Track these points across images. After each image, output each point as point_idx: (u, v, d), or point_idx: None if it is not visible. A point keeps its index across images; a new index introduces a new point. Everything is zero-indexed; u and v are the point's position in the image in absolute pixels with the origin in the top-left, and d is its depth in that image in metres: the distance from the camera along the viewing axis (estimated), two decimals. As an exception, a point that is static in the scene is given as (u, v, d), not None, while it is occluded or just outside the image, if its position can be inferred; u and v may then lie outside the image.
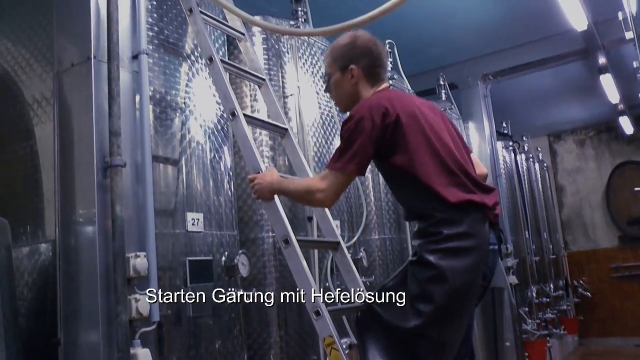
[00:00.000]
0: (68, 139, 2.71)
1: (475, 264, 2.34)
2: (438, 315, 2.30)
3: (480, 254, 2.37)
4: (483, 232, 2.40)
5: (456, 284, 2.29)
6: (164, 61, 3.11)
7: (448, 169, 2.44)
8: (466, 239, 2.33)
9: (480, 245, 2.36)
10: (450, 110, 6.99)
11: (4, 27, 3.44)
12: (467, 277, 2.32)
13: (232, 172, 3.51)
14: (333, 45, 2.81)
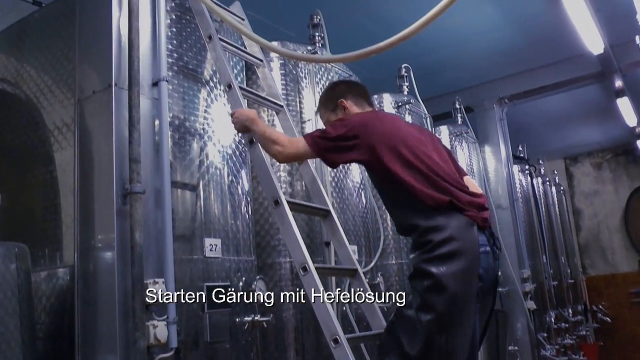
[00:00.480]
0: (88, 165, 2.73)
1: (466, 267, 2.40)
2: (441, 322, 2.36)
3: (470, 256, 2.42)
4: (470, 235, 2.46)
5: (453, 289, 2.35)
6: (184, 87, 3.14)
7: (430, 178, 2.57)
8: (453, 243, 2.41)
9: (467, 247, 2.43)
10: (467, 134, 6.97)
11: (28, 54, 3.49)
12: (462, 280, 2.39)
13: (249, 197, 3.51)
14: (319, 100, 3.22)
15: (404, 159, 2.61)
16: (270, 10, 5.32)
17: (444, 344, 2.35)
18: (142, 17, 2.80)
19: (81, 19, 2.99)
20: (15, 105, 3.56)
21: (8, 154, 3.57)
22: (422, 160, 2.63)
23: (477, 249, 2.46)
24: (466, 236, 2.46)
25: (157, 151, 2.75)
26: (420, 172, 2.59)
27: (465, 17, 6.58)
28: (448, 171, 2.69)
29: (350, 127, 2.71)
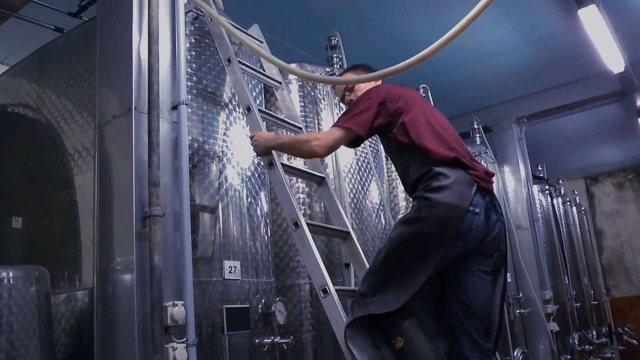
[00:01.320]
0: (108, 188, 2.74)
1: (447, 216, 2.50)
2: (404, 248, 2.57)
3: (455, 209, 2.51)
4: (465, 191, 2.55)
5: (440, 211, 2.50)
6: (202, 110, 3.16)
7: (442, 139, 2.72)
8: (445, 179, 2.56)
9: (457, 201, 2.52)
10: (485, 154, 6.92)
11: (49, 80, 3.54)
12: (438, 225, 2.51)
13: (268, 219, 3.50)
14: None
15: (420, 122, 2.77)
16: (288, 33, 5.36)
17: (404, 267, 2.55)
18: (162, 41, 2.84)
19: (101, 44, 3.02)
20: (37, 129, 3.61)
21: (29, 177, 3.61)
22: (434, 126, 2.78)
23: (465, 205, 2.53)
24: (461, 190, 2.55)
25: (177, 174, 2.76)
26: (433, 134, 2.74)
27: (482, 37, 6.58)
28: (456, 137, 2.84)
29: (375, 97, 2.85)
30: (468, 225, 2.54)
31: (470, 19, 2.23)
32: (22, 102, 3.84)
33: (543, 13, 6.36)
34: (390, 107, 2.81)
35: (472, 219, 2.55)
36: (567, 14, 6.31)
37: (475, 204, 2.57)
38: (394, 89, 2.91)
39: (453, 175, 2.58)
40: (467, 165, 2.65)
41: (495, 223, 2.67)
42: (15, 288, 2.46)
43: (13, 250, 3.68)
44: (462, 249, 2.57)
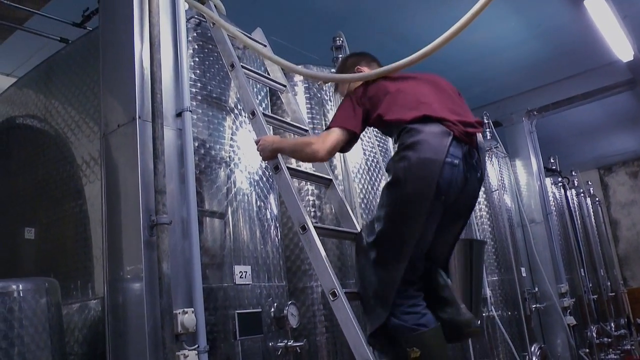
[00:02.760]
0: (115, 198, 2.75)
1: (425, 170, 2.47)
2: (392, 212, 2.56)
3: (431, 161, 2.48)
4: (440, 141, 2.50)
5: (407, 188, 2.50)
6: (208, 116, 3.15)
7: (414, 104, 2.67)
8: (417, 134, 2.53)
9: (432, 153, 2.48)
10: (496, 149, 6.88)
11: (55, 90, 3.56)
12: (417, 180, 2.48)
13: (278, 222, 3.49)
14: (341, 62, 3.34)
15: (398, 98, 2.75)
16: (292, 35, 5.35)
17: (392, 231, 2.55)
18: (164, 49, 2.83)
19: (104, 54, 3.03)
20: (45, 140, 3.63)
21: (40, 188, 3.62)
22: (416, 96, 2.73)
23: (442, 156, 2.48)
24: (435, 142, 2.51)
25: (183, 181, 2.76)
26: (409, 104, 2.70)
27: (489, 32, 6.54)
28: (440, 97, 2.76)
29: (362, 92, 2.88)
30: (447, 178, 2.51)
31: (473, 13, 2.22)
32: (30, 113, 3.86)
33: (549, 5, 6.31)
34: (370, 94, 2.84)
35: (450, 171, 2.52)
36: (573, 5, 6.26)
37: (453, 155, 2.52)
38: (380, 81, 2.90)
39: (425, 129, 2.55)
40: (441, 118, 2.59)
41: (471, 178, 2.64)
42: (25, 300, 2.47)
43: (26, 260, 3.70)
44: (445, 203, 2.55)
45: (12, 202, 3.94)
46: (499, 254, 6.32)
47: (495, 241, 6.36)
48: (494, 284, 5.97)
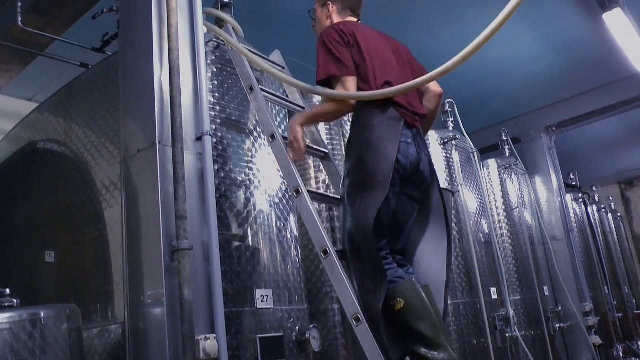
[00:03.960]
0: (135, 223, 2.73)
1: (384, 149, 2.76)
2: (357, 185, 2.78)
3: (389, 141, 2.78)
4: (394, 126, 2.84)
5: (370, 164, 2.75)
6: (227, 138, 3.14)
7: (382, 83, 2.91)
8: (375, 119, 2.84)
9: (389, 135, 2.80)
10: (515, 166, 6.81)
11: (76, 115, 3.58)
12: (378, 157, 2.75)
13: (299, 244, 3.46)
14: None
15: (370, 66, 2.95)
16: (310, 55, 5.31)
17: (359, 203, 2.74)
18: (183, 73, 2.83)
19: (124, 79, 3.03)
20: (65, 164, 3.64)
21: (60, 212, 3.63)
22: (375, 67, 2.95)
23: (397, 137, 2.81)
24: (390, 125, 2.82)
25: (204, 206, 2.74)
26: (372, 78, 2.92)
27: (506, 48, 6.51)
28: (398, 74, 3.02)
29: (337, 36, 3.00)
30: (405, 153, 2.83)
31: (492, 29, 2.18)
32: (50, 137, 3.88)
33: (566, 19, 6.28)
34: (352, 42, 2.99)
35: (406, 148, 2.85)
36: (592, 18, 6.22)
37: (406, 135, 2.87)
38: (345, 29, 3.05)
39: (384, 114, 2.85)
40: (396, 104, 2.89)
41: (422, 155, 2.97)
42: (47, 327, 2.46)
43: (47, 284, 3.71)
44: (402, 176, 2.85)
45: (33, 226, 3.96)
46: (520, 273, 6.24)
47: (516, 259, 6.28)
48: (516, 303, 5.88)
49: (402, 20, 5.75)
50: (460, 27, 5.86)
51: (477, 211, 5.69)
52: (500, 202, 6.49)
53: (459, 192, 5.36)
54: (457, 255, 5.09)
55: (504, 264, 5.85)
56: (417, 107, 3.06)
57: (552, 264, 7.07)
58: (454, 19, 5.88)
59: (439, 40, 5.92)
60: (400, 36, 5.92)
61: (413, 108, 3.00)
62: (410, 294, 2.74)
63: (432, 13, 5.79)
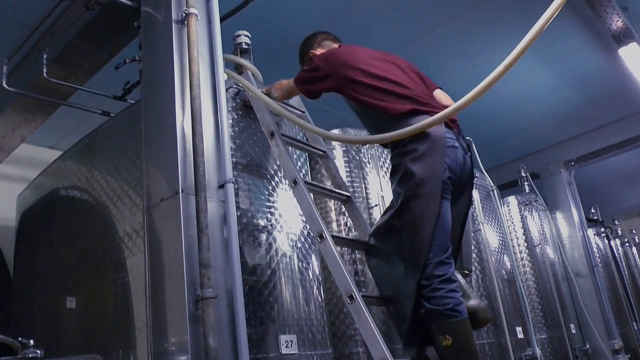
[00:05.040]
0: (159, 271, 2.72)
1: (434, 157, 2.71)
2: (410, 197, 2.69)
3: (437, 148, 2.72)
4: (437, 131, 2.75)
5: (421, 174, 2.69)
6: (249, 184, 3.16)
7: (389, 92, 2.89)
8: (422, 142, 2.73)
9: (434, 142, 2.73)
10: (536, 203, 6.75)
11: (98, 164, 3.62)
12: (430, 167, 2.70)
13: (321, 284, 3.42)
14: (299, 51, 3.54)
15: (363, 82, 2.95)
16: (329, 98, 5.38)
17: (413, 214, 2.67)
18: (205, 121, 2.84)
19: (146, 126, 3.06)
20: (88, 212, 3.67)
21: (82, 258, 3.65)
22: (382, 78, 2.94)
23: (443, 142, 2.74)
24: (433, 132, 2.73)
25: (227, 253, 2.72)
26: (379, 89, 2.91)
27: (521, 83, 6.53)
28: (412, 84, 2.99)
29: (316, 62, 3.15)
30: (453, 158, 2.77)
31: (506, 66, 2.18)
32: (73, 185, 3.93)
33: (582, 54, 6.29)
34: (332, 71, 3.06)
35: (454, 153, 2.79)
36: (607, 53, 6.23)
37: (450, 138, 2.80)
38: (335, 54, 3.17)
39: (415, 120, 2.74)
40: (426, 112, 2.80)
41: (468, 158, 2.93)
42: (72, 379, 2.45)
43: (68, 330, 3.71)
44: (453, 181, 2.76)
45: (55, 272, 3.98)
46: (545, 310, 6.13)
47: (541, 297, 6.18)
48: (542, 342, 5.76)
49: (419, 60, 5.75)
50: (475, 65, 5.88)
51: (499, 249, 5.63)
52: (521, 239, 6.42)
53: (480, 230, 5.31)
54: (480, 295, 5.02)
55: (529, 302, 5.75)
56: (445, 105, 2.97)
57: (578, 301, 6.94)
58: (469, 57, 5.92)
59: (456, 79, 5.91)
60: (416, 76, 6.00)
61: (443, 106, 2.90)
62: (463, 332, 2.59)
63: (447, 52, 5.83)
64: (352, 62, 3.03)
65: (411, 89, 2.93)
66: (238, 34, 3.82)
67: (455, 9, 5.26)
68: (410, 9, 5.11)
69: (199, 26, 3.07)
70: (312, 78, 3.13)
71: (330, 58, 3.13)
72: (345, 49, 3.25)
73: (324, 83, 3.09)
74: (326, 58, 3.15)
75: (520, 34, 2.04)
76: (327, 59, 3.13)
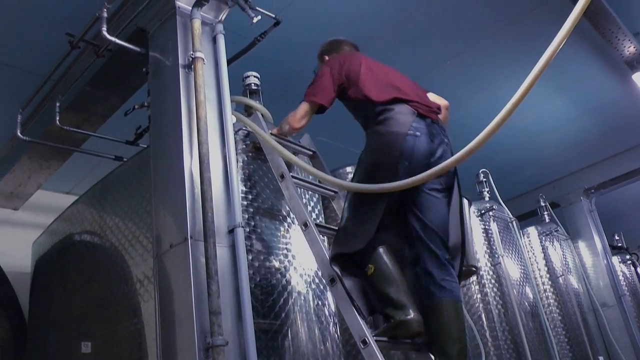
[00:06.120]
0: (169, 319, 2.68)
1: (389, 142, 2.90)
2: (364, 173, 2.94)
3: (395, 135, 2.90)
4: (406, 117, 2.96)
5: (384, 139, 2.92)
6: (261, 227, 3.12)
7: (382, 85, 3.11)
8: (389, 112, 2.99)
9: (397, 128, 2.92)
10: (557, 232, 6.63)
11: (109, 208, 3.62)
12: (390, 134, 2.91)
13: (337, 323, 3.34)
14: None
15: (366, 78, 3.14)
16: (341, 135, 5.38)
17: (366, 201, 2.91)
18: (214, 166, 2.83)
19: (155, 173, 3.06)
20: (100, 258, 3.67)
21: (96, 304, 3.63)
22: (379, 78, 3.16)
23: (405, 130, 2.91)
24: (402, 119, 2.95)
25: (238, 299, 2.67)
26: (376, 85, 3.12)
27: (536, 113, 6.47)
28: (404, 82, 3.19)
29: (323, 69, 3.27)
30: (410, 146, 2.89)
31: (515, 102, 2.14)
32: (86, 231, 3.93)
33: (595, 82, 6.24)
34: (343, 72, 3.21)
35: (412, 140, 2.90)
36: (621, 79, 6.17)
37: (415, 128, 2.93)
38: (343, 57, 3.33)
39: (396, 108, 2.99)
40: (407, 100, 3.03)
41: (440, 144, 3.00)
42: None
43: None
44: (410, 169, 2.83)
45: (70, 318, 3.97)
46: (572, 343, 5.95)
47: (566, 329, 6.01)
48: (571, 376, 5.60)
49: (432, 92, 5.77)
50: (487, 96, 5.86)
51: (520, 281, 5.51)
52: (543, 270, 6.29)
53: (500, 263, 5.21)
54: (503, 330, 4.91)
55: (554, 335, 5.60)
56: (432, 104, 3.19)
57: (606, 332, 6.75)
58: (481, 89, 5.90)
59: (468, 112, 5.91)
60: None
61: (423, 100, 3.14)
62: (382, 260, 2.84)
63: (459, 84, 5.80)
64: (356, 63, 3.22)
65: (400, 87, 3.11)
66: (247, 75, 3.84)
67: (465, 41, 5.26)
68: (420, 43, 5.12)
69: (206, 70, 3.09)
70: (323, 86, 3.22)
71: (335, 61, 3.29)
72: (348, 54, 3.41)
73: (332, 86, 3.20)
74: (331, 63, 3.30)
75: (530, 62, 2.01)
76: (333, 64, 3.29)
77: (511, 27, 5.14)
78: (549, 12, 4.92)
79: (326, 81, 3.20)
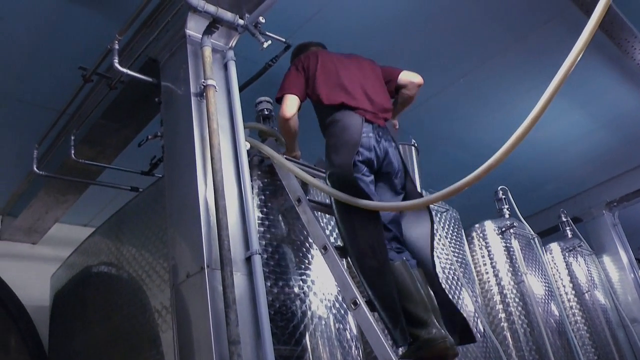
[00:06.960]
0: (188, 349, 2.63)
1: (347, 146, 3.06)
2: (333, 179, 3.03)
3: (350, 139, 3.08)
4: (355, 126, 3.13)
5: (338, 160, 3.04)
6: (279, 253, 3.08)
7: (334, 87, 3.27)
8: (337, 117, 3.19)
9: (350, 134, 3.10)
10: (580, 247, 6.50)
11: (125, 239, 3.60)
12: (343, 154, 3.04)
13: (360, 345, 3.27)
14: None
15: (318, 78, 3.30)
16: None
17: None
18: (229, 193, 2.80)
19: (170, 202, 3.03)
20: (118, 289, 3.65)
21: (115, 336, 3.60)
22: (329, 77, 3.31)
23: (358, 135, 3.09)
24: (352, 126, 3.12)
25: (257, 327, 2.61)
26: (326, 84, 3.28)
27: (554, 128, 6.41)
28: (353, 83, 3.32)
29: (290, 68, 3.44)
30: (367, 140, 3.10)
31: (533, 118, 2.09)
32: (104, 263, 3.92)
33: (613, 94, 6.16)
34: (305, 68, 3.38)
35: (367, 141, 3.11)
36: (638, 88, 6.09)
37: (365, 131, 3.13)
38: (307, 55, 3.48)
39: (344, 118, 3.16)
40: (354, 107, 3.19)
41: (388, 148, 3.19)
42: None
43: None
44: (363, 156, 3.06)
45: (89, 349, 3.95)
46: (602, 360, 5.81)
47: (595, 347, 5.86)
48: (602, 396, 5.44)
49: (448, 112, 5.75)
50: (503, 112, 5.81)
51: (545, 298, 5.39)
52: (568, 286, 6.16)
53: (523, 281, 5.10)
54: (530, 349, 4.79)
55: (583, 353, 5.45)
56: (381, 103, 3.33)
57: (637, 348, 6.57)
58: (496, 105, 5.84)
59: (485, 130, 5.87)
60: (447, 128, 5.94)
61: (373, 106, 3.27)
62: (400, 274, 2.86)
63: (474, 101, 5.76)
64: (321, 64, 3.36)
65: (353, 90, 3.26)
66: (259, 100, 3.84)
67: (479, 57, 5.23)
68: (433, 62, 5.10)
69: (218, 97, 3.08)
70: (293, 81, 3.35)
71: (302, 60, 3.43)
72: (316, 53, 3.49)
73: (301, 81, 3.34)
74: (300, 61, 3.43)
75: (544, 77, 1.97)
76: (300, 61, 3.43)
77: (523, 43, 5.10)
78: (560, 26, 4.88)
79: (293, 76, 3.37)
